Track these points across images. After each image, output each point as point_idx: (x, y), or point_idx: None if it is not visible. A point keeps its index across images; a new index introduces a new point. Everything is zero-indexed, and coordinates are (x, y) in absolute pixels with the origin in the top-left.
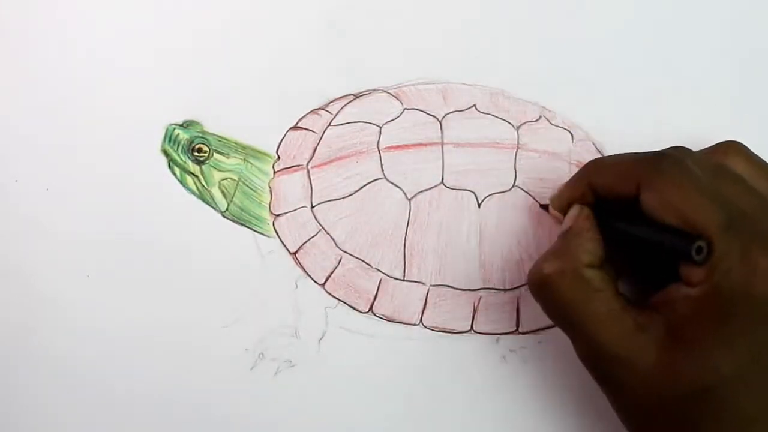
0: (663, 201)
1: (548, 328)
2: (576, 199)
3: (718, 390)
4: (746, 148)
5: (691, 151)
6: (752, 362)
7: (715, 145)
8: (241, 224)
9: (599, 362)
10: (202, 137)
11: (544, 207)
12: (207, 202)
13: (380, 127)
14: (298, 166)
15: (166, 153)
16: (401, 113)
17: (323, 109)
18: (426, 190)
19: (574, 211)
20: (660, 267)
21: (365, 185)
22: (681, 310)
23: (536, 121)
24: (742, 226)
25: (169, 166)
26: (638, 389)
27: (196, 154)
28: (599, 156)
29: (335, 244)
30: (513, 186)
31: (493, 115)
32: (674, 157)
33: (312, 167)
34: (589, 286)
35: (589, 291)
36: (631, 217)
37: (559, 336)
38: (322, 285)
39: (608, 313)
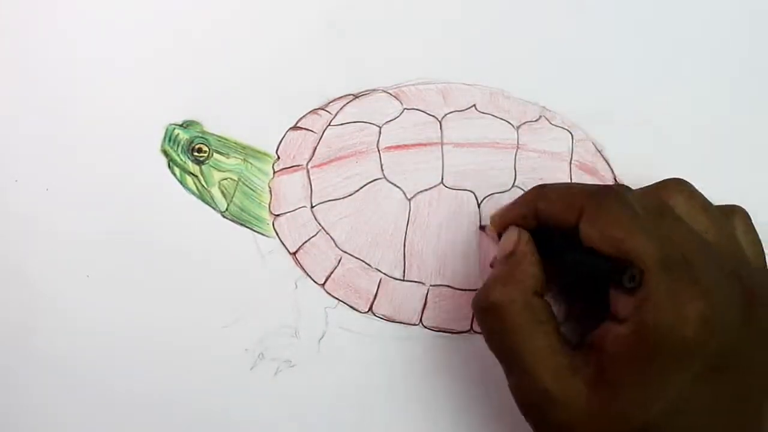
0: (601, 232)
1: None
2: (517, 221)
3: (653, 426)
4: (688, 184)
5: (632, 190)
6: (678, 405)
7: (658, 183)
8: (241, 224)
9: (532, 397)
10: (201, 137)
11: (483, 228)
12: (207, 202)
13: (380, 127)
14: (298, 166)
15: (165, 153)
16: (401, 113)
17: (323, 109)
18: (426, 190)
19: (513, 234)
20: (596, 304)
21: (365, 185)
22: (610, 349)
23: (536, 121)
24: (676, 267)
25: (169, 166)
26: (569, 430)
27: (195, 154)
28: (597, 154)
29: (335, 244)
30: (513, 186)
31: (493, 115)
32: (617, 192)
33: (312, 167)
34: (535, 317)
35: (534, 322)
36: (568, 246)
37: None
38: (322, 285)
39: (547, 349)
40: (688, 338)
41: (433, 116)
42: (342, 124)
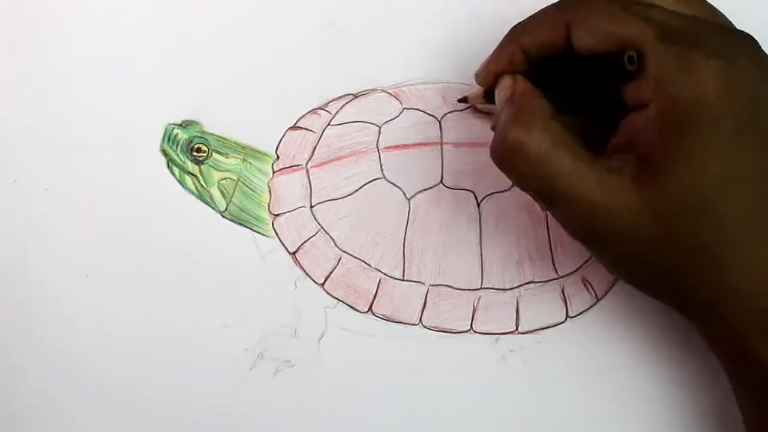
0: (593, 30)
1: (548, 328)
2: (503, 68)
3: (710, 196)
4: None
5: None
6: (728, 174)
7: None
8: (241, 224)
9: (583, 217)
10: (201, 137)
11: (463, 100)
12: (206, 202)
13: (379, 127)
14: (298, 165)
15: (165, 153)
16: (400, 113)
17: (322, 108)
18: (425, 189)
19: (506, 80)
20: (607, 119)
21: (364, 185)
22: (644, 137)
23: None
24: (678, 39)
25: (168, 166)
26: (627, 234)
27: (195, 154)
28: None
29: (334, 243)
30: (512, 186)
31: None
32: None
33: (311, 167)
34: (559, 138)
35: (560, 143)
36: (561, 78)
37: (559, 336)
38: (322, 285)
39: (581, 164)
40: (710, 100)
41: (432, 116)
42: (341, 124)
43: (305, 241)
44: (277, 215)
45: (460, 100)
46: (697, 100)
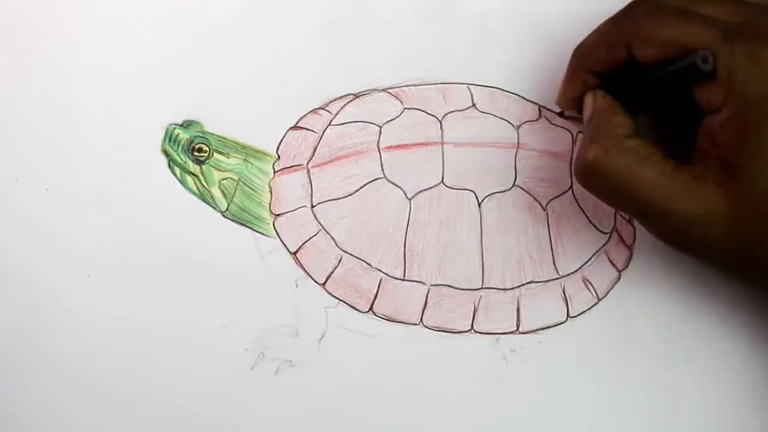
0: (655, 43)
1: (549, 327)
2: (579, 90)
3: None
4: None
5: None
6: None
7: None
8: (242, 224)
9: (677, 228)
10: (202, 137)
11: (561, 114)
12: (207, 202)
13: (380, 127)
14: (299, 165)
15: (166, 153)
16: (401, 113)
17: (323, 108)
18: (426, 189)
19: (588, 98)
20: (688, 126)
21: (365, 185)
22: (722, 139)
23: (536, 120)
24: (741, 35)
25: (169, 166)
26: (722, 239)
27: (196, 153)
28: None
29: (335, 243)
30: (513, 186)
31: (493, 115)
32: (640, 2)
33: (312, 167)
34: (637, 154)
35: (639, 159)
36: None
37: (559, 336)
38: (323, 285)
39: (663, 176)
40: None
41: (433, 116)
42: (342, 124)
43: (306, 241)
44: (278, 215)
45: (559, 114)
46: None
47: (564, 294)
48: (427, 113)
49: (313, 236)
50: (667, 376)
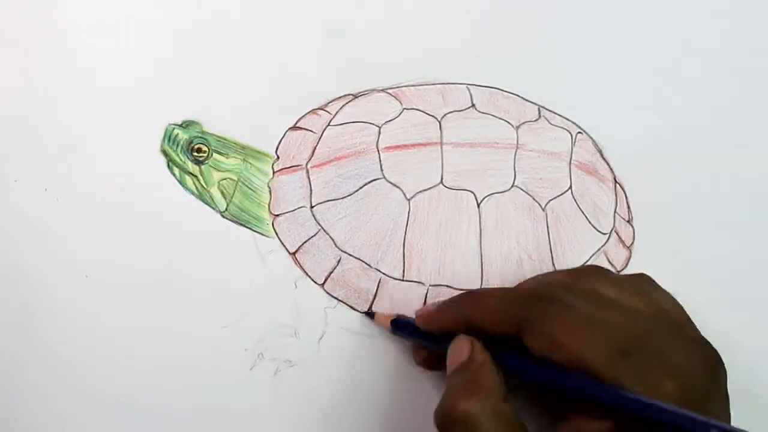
0: (550, 343)
1: None
2: (447, 327)
3: None
4: (606, 269)
5: (560, 279)
6: None
7: (576, 269)
8: (241, 224)
9: None
10: (201, 137)
11: (369, 314)
12: (206, 202)
13: (379, 127)
14: (298, 166)
15: (165, 153)
16: (400, 113)
17: (322, 109)
18: (425, 190)
19: (464, 343)
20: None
21: (364, 185)
22: None
23: (535, 121)
24: (636, 351)
25: (169, 166)
26: None
27: (195, 154)
28: (597, 154)
29: (334, 244)
30: (512, 186)
31: (493, 115)
32: (555, 298)
33: (311, 167)
34: (508, 423)
35: (508, 427)
36: (513, 348)
37: None
38: (322, 285)
39: None
40: None
41: (432, 116)
42: (341, 124)
43: (305, 242)
44: (278, 215)
45: (365, 313)
46: None
47: None
48: (427, 113)
49: (313, 236)
50: None
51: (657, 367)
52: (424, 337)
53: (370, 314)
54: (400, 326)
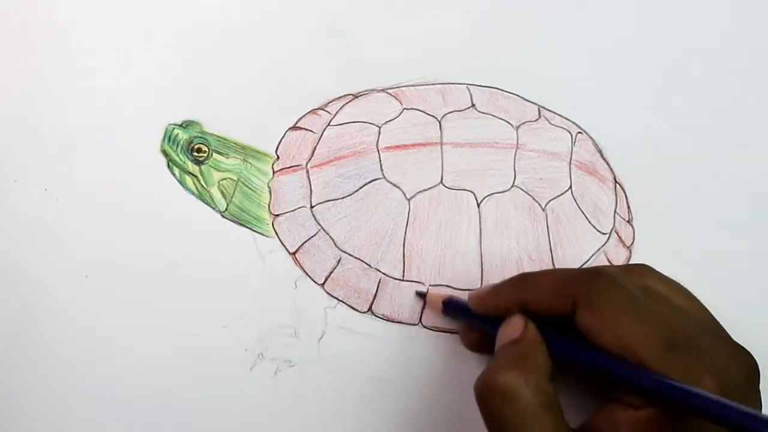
0: (602, 323)
1: None
2: (500, 309)
3: None
4: (655, 270)
5: (612, 269)
6: None
7: (625, 266)
8: (241, 224)
9: None
10: (201, 137)
11: (421, 295)
12: (206, 202)
13: (379, 127)
14: (298, 166)
15: (165, 153)
16: (400, 113)
17: (322, 109)
18: (425, 190)
19: (518, 321)
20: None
21: (364, 185)
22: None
23: (535, 121)
24: (683, 346)
25: (169, 166)
26: None
27: (195, 154)
28: (597, 154)
29: (334, 244)
30: (512, 186)
31: (493, 115)
32: (610, 275)
33: (311, 167)
34: (547, 402)
35: (546, 407)
36: (562, 333)
37: None
38: (322, 285)
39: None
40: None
41: (432, 116)
42: (341, 124)
43: (305, 242)
44: (277, 215)
45: (417, 293)
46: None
47: None
48: (427, 113)
49: (313, 236)
50: None
51: (700, 364)
52: (475, 318)
53: (422, 294)
54: (451, 307)
